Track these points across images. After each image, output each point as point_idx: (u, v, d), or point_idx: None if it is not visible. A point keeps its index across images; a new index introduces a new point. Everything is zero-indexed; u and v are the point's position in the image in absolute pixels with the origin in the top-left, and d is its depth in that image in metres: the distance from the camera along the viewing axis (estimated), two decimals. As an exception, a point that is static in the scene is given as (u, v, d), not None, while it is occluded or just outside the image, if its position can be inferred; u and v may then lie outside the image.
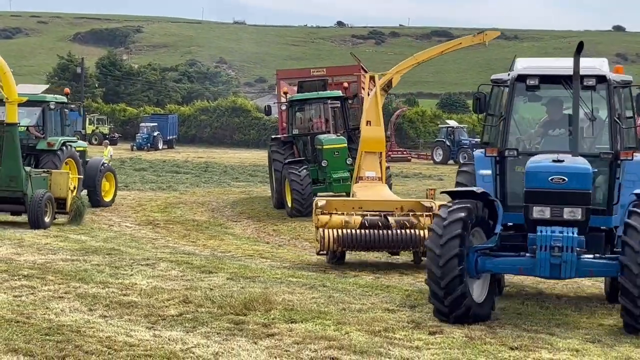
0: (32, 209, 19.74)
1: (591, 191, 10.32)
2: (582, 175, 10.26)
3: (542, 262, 10.01)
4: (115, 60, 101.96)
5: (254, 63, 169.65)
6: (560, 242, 9.99)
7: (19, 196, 20.13)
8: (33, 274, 12.99)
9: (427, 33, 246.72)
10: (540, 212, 10.27)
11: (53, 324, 9.69)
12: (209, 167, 45.56)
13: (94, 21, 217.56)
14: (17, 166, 20.23)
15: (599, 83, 11.07)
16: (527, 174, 10.46)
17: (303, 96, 25.89)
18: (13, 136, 20.28)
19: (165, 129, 68.69)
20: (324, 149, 23.96)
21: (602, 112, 11.34)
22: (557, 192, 10.21)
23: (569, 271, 10.01)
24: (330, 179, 23.90)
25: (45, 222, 19.86)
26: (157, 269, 13.86)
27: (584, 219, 10.23)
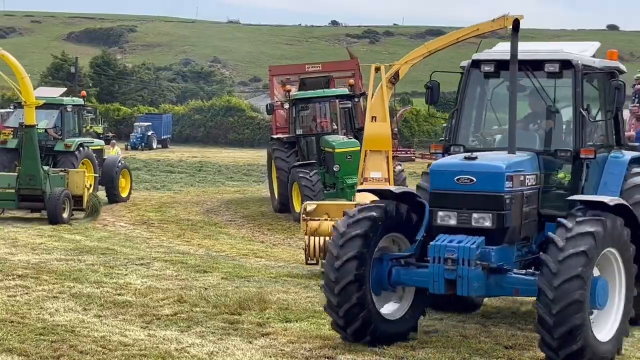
0: (51, 206, 20.91)
1: (504, 194, 8.72)
2: (492, 175, 8.79)
3: (436, 277, 8.63)
4: (109, 60, 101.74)
5: (248, 62, 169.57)
6: (454, 253, 8.54)
7: (38, 194, 21.25)
8: (27, 273, 12.98)
9: (421, 32, 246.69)
10: (445, 217, 8.93)
11: (47, 323, 9.68)
12: (203, 167, 45.52)
13: (88, 20, 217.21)
14: (36, 166, 21.36)
15: (565, 69, 9.63)
16: (431, 173, 9.24)
17: (307, 94, 24.46)
18: (32, 137, 21.53)
19: (160, 128, 68.57)
20: (336, 152, 22.33)
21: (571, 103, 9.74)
22: (464, 195, 8.82)
23: (467, 288, 8.50)
24: (343, 184, 22.23)
25: (64, 218, 20.98)
26: (152, 268, 13.85)
27: (497, 226, 8.72)
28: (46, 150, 24.46)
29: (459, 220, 8.82)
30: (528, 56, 9.74)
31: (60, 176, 22.00)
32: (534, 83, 9.74)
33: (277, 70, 29.80)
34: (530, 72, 9.78)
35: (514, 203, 8.88)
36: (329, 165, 22.55)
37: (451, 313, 10.43)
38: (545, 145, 9.74)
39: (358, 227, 8.89)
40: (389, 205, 9.16)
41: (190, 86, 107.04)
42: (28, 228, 19.62)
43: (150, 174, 38.93)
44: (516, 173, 8.94)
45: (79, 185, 22.25)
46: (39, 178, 21.27)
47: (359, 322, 8.76)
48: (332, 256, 8.92)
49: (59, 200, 21.02)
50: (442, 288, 8.62)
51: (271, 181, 25.41)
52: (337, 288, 8.74)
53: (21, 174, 21.50)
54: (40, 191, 21.26)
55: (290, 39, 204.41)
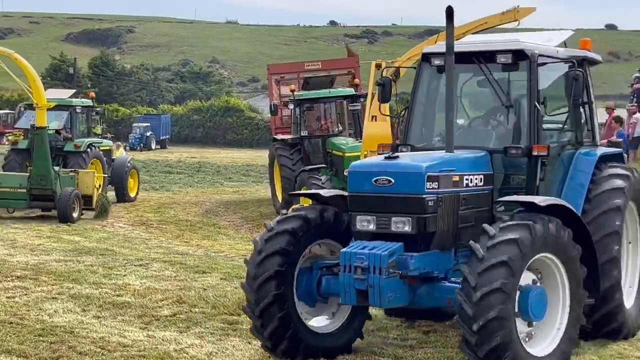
0: (61, 205, 21.56)
1: (425, 196, 7.98)
2: (411, 175, 8.07)
3: (347, 287, 7.93)
4: (108, 61, 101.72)
5: (247, 62, 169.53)
6: (363, 261, 7.82)
7: (49, 194, 21.89)
8: (26, 274, 12.98)
9: (420, 32, 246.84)
10: (364, 222, 8.21)
11: (46, 324, 9.68)
12: (202, 167, 45.52)
13: (86, 21, 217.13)
14: (47, 166, 22.05)
15: (520, 60, 8.95)
16: (349, 174, 8.52)
17: (313, 94, 23.49)
18: (43, 138, 22.26)
19: (158, 129, 68.61)
20: (346, 156, 20.88)
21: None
22: (382, 197, 8.10)
23: (379, 299, 7.78)
24: None
25: (73, 217, 21.60)
26: (151, 269, 13.85)
27: (418, 231, 8.00)
28: (56, 150, 24.98)
29: (378, 225, 8.14)
30: (480, 47, 9.20)
31: (71, 176, 22.71)
32: (489, 76, 9.10)
33: (276, 69, 29.16)
34: (485, 65, 9.12)
35: (442, 206, 8.14)
36: (338, 169, 21.51)
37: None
38: (501, 143, 9.01)
39: (276, 242, 8.34)
40: (310, 213, 8.51)
41: (188, 87, 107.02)
42: (27, 229, 19.62)
43: (149, 174, 38.93)
44: (443, 173, 8.18)
45: (89, 185, 22.92)
46: (49, 178, 21.89)
47: (286, 343, 8.26)
48: (249, 276, 8.37)
49: (69, 200, 21.61)
50: (353, 299, 7.95)
51: (273, 182, 24.53)
52: (257, 310, 8.25)
53: (32, 175, 22.13)
54: (50, 191, 21.85)
55: (289, 39, 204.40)
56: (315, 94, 23.46)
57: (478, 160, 8.72)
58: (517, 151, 8.76)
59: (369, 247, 7.92)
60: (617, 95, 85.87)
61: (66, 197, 21.62)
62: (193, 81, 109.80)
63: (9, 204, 22.59)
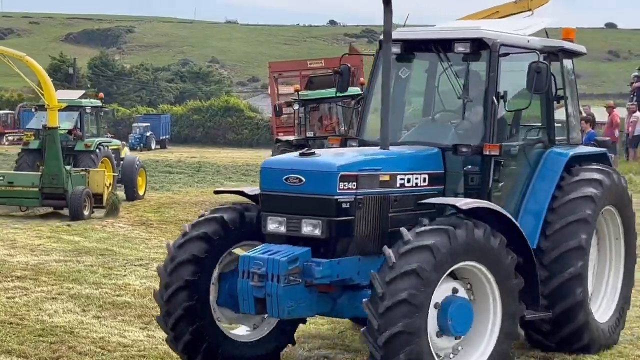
0: (73, 204, 22.22)
1: (337, 197, 7.25)
2: (322, 174, 7.33)
3: (245, 294, 7.31)
4: (108, 61, 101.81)
5: (247, 62, 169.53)
6: (261, 267, 7.17)
7: (61, 192, 22.50)
8: (26, 275, 12.97)
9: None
10: (275, 224, 7.53)
11: (46, 325, 9.67)
12: (202, 167, 45.48)
13: (86, 21, 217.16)
14: (59, 165, 22.67)
15: (481, 49, 8.20)
16: (261, 171, 7.95)
17: (318, 94, 22.74)
18: (54, 139, 22.89)
19: (158, 128, 68.64)
20: None
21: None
22: (293, 197, 7.43)
23: (277, 309, 7.12)
24: None
25: (85, 215, 22.29)
26: (151, 269, 13.83)
27: (329, 236, 7.28)
28: (67, 150, 25.68)
29: (289, 227, 7.42)
30: (437, 35, 8.48)
31: (82, 175, 23.38)
32: (446, 66, 8.40)
33: (278, 67, 28.63)
34: (444, 54, 8.38)
35: (361, 208, 7.40)
36: None
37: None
38: (454, 140, 8.28)
39: (189, 249, 7.71)
40: (228, 214, 7.99)
41: (188, 86, 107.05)
42: (27, 229, 19.62)
43: (149, 174, 38.71)
44: (365, 172, 7.45)
45: (99, 183, 23.63)
46: (61, 177, 22.50)
47: (201, 356, 7.73)
48: (161, 284, 7.81)
49: (80, 199, 22.29)
50: (251, 307, 7.30)
51: None
52: (169, 323, 7.72)
53: (44, 174, 22.70)
54: (62, 190, 22.45)
55: (289, 38, 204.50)
56: (320, 94, 22.74)
57: (421, 158, 8.02)
58: (467, 149, 8.03)
59: (270, 251, 7.27)
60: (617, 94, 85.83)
61: (77, 195, 22.27)
62: (193, 81, 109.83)
63: (22, 202, 23.24)
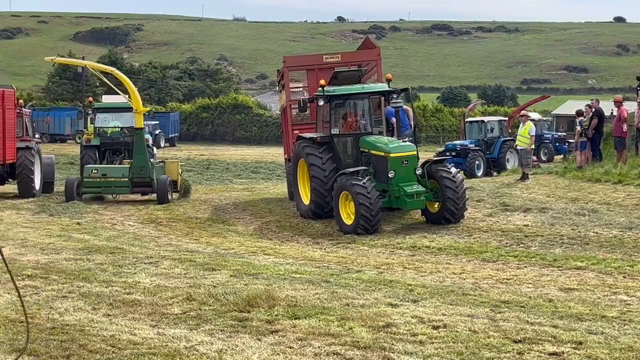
0: (160, 190, 26.81)
1: None
2: None
3: None
4: (116, 59, 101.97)
5: (255, 60, 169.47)
6: None
7: (148, 181, 27.15)
8: (37, 273, 13.02)
9: (427, 27, 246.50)
10: None
11: (57, 323, 9.70)
12: (211, 165, 45.62)
13: (95, 20, 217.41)
14: (145, 158, 27.24)
15: None
16: None
17: (345, 90, 21.81)
18: (141, 137, 27.52)
19: (167, 127, 68.78)
20: (391, 157, 19.82)
21: None
22: None
23: None
24: (399, 193, 19.60)
25: (170, 199, 26.81)
26: (160, 267, 13.88)
27: None
28: (124, 145, 30.54)
29: None
30: None
31: (161, 166, 28.17)
32: None
33: (292, 62, 27.45)
34: None
35: None
36: (378, 171, 20.29)
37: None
38: None
39: None
40: None
41: (197, 84, 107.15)
42: (37, 228, 19.70)
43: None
44: None
45: (174, 172, 28.26)
46: (147, 168, 27.05)
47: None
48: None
49: (165, 185, 26.82)
50: None
51: (297, 184, 22.70)
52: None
53: (133, 166, 27.12)
54: (149, 179, 27.02)
55: (297, 35, 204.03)
56: (348, 90, 21.89)
57: None
58: None
59: None
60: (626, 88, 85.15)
61: (163, 182, 26.81)
62: (201, 79, 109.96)
63: (114, 190, 27.63)
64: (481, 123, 40.80)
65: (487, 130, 39.98)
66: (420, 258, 15.95)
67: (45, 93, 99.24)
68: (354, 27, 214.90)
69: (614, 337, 9.21)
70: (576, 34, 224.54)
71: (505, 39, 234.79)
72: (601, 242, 16.69)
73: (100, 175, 27.29)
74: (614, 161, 25.28)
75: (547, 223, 18.95)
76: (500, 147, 38.78)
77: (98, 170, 27.69)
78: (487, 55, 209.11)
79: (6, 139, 27.04)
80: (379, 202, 19.25)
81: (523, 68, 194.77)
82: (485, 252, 16.25)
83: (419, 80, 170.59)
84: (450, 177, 19.77)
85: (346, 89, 21.84)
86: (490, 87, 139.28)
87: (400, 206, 19.97)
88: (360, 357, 8.34)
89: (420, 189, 19.69)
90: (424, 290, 11.76)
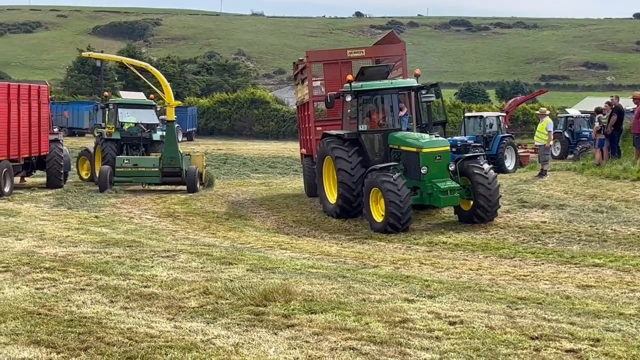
0: (190, 180, 28.29)
1: None
2: None
3: None
4: (135, 53, 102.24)
5: (273, 55, 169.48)
6: None
7: (177, 171, 28.64)
8: (55, 266, 13.08)
9: (445, 23, 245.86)
10: None
11: (75, 315, 9.75)
12: (228, 159, 45.66)
13: (113, 14, 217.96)
14: (175, 150, 28.79)
15: None
16: None
17: (374, 85, 21.22)
18: (172, 130, 29.37)
19: (185, 121, 68.90)
20: (423, 152, 19.29)
21: None
22: None
23: None
24: (432, 189, 19.12)
25: (198, 189, 28.44)
26: (178, 260, 13.92)
27: None
28: (143, 140, 32.00)
29: None
30: None
31: (187, 158, 29.37)
32: None
33: (316, 56, 26.76)
34: None
35: None
36: (409, 167, 19.79)
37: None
38: None
39: None
40: None
41: (214, 79, 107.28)
42: (55, 221, 19.79)
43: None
44: None
45: (199, 164, 29.51)
46: (177, 159, 28.54)
47: None
48: None
49: (195, 176, 28.25)
50: None
51: (322, 182, 22.21)
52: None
53: (164, 157, 28.66)
54: (179, 169, 28.51)
55: (314, 30, 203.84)
56: (376, 85, 21.31)
57: None
58: None
59: None
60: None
61: (192, 173, 28.19)
62: (219, 73, 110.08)
63: (145, 180, 28.91)
64: (480, 119, 39.99)
65: (487, 126, 39.31)
66: (437, 254, 15.93)
67: (64, 87, 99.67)
68: (372, 22, 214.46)
69: (631, 334, 9.17)
70: (595, 30, 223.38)
71: (524, 35, 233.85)
72: (619, 239, 16.62)
73: (131, 165, 28.52)
74: (633, 158, 25.12)
75: (564, 220, 18.88)
76: (499, 143, 38.15)
77: (129, 160, 28.85)
78: (505, 51, 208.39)
79: (41, 132, 28.58)
80: (409, 200, 18.73)
81: (542, 64, 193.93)
82: (503, 249, 16.21)
83: (437, 76, 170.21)
84: (483, 174, 19.17)
85: (374, 85, 21.27)
86: (509, 83, 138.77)
87: (433, 203, 19.50)
88: (376, 352, 8.34)
89: (454, 185, 19.14)
90: (441, 286, 11.75)
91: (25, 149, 27.55)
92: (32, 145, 27.97)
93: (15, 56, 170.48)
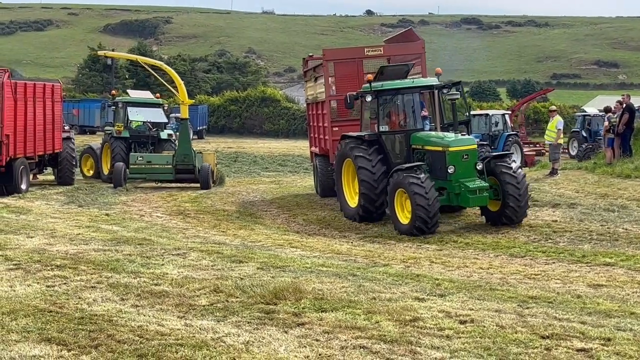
0: (203, 177, 28.75)
1: None
2: None
3: None
4: (145, 52, 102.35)
5: (283, 53, 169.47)
6: None
7: (191, 168, 28.99)
8: (65, 264, 13.11)
9: (456, 21, 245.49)
10: None
11: (85, 313, 9.77)
12: (238, 157, 45.72)
13: (124, 12, 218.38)
14: (189, 147, 29.17)
15: None
16: None
17: (394, 85, 20.59)
18: (186, 127, 29.67)
19: (195, 119, 68.93)
20: (450, 151, 18.63)
21: None
22: None
23: None
24: (461, 189, 18.46)
25: (211, 185, 28.83)
26: (188, 258, 13.93)
27: None
28: (151, 138, 32.47)
29: None
30: None
31: (200, 156, 29.70)
32: None
33: (332, 55, 25.92)
34: None
35: None
36: (434, 167, 19.07)
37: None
38: None
39: None
40: None
41: (225, 77, 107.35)
42: (66, 219, 19.84)
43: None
44: None
45: (211, 162, 29.97)
46: (191, 156, 28.90)
47: None
48: None
49: (208, 173, 28.62)
50: None
51: (341, 185, 21.47)
52: None
53: (177, 154, 29.02)
54: (192, 166, 28.84)
55: (325, 29, 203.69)
56: (398, 84, 20.67)
57: None
58: None
59: None
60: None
61: (205, 170, 28.61)
62: (230, 72, 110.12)
63: (159, 177, 29.29)
64: (486, 117, 39.59)
65: (492, 124, 39.00)
66: (447, 252, 15.91)
67: (75, 85, 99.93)
68: (383, 20, 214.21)
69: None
70: (607, 29, 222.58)
71: (535, 33, 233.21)
72: (630, 238, 16.56)
73: (145, 162, 29.00)
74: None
75: (575, 219, 18.82)
76: (505, 141, 37.95)
77: (143, 157, 29.32)
78: (516, 50, 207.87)
79: (55, 129, 29.10)
80: (437, 202, 18.01)
81: (553, 63, 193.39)
82: (513, 248, 16.17)
83: (448, 74, 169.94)
84: (511, 173, 18.51)
85: (395, 84, 20.61)
86: (520, 81, 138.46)
87: (461, 204, 18.85)
88: (386, 350, 8.33)
89: (483, 184, 18.44)
90: (451, 285, 11.73)
91: (40, 146, 28.02)
92: (46, 142, 28.45)
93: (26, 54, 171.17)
